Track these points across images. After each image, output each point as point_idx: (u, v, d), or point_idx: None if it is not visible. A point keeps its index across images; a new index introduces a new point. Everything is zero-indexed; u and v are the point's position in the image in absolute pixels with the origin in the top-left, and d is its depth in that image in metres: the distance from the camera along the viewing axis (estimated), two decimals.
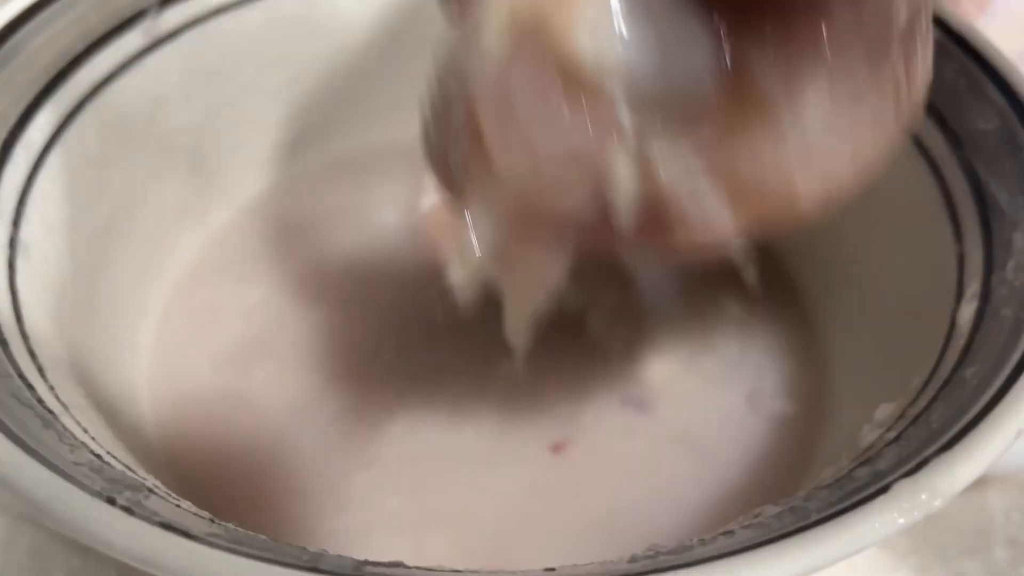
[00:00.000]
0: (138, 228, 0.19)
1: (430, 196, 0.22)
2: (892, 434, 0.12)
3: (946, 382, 0.12)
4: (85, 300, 0.17)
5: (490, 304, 0.20)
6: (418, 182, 0.23)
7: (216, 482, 0.17)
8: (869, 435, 0.12)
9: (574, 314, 0.20)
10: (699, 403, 0.17)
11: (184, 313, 0.20)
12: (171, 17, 0.19)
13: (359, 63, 0.22)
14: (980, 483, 0.20)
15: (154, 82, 0.19)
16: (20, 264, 0.15)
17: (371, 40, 0.22)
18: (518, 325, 0.15)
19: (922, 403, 0.12)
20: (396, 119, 0.24)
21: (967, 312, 0.13)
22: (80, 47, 0.18)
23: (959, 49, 0.16)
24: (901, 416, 0.12)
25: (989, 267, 0.14)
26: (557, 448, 0.17)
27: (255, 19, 0.21)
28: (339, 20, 0.21)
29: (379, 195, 0.23)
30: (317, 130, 0.23)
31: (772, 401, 0.17)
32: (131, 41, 0.19)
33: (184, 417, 0.18)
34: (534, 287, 0.14)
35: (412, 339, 0.19)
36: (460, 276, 0.13)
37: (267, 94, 0.21)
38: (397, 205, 0.23)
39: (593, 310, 0.20)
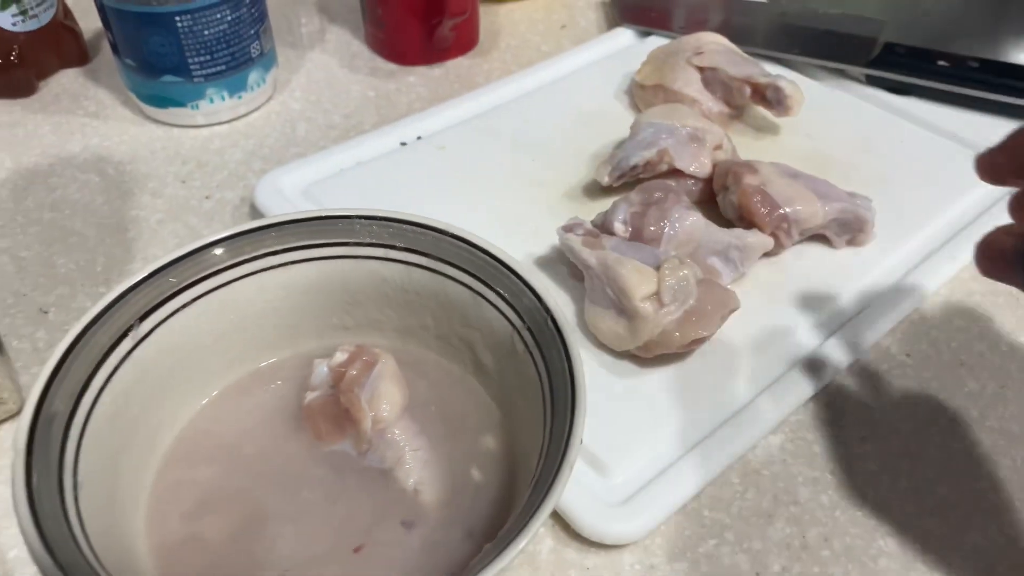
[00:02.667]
0: (134, 451, 0.33)
1: (308, 396, 0.38)
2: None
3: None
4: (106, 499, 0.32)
5: (337, 470, 0.35)
6: (301, 386, 0.38)
7: None
8: None
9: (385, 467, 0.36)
10: (441, 531, 0.32)
11: (161, 489, 0.35)
12: (147, 324, 0.35)
13: (256, 330, 0.38)
14: (618, 547, 0.35)
15: (144, 365, 0.34)
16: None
17: (264, 315, 0.38)
18: None
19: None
20: (280, 348, 0.39)
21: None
22: (99, 356, 0.33)
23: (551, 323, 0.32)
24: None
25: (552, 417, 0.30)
26: (357, 550, 0.32)
27: (196, 312, 0.36)
28: (239, 304, 0.37)
29: (275, 395, 0.38)
30: (235, 363, 0.38)
31: (483, 535, 0.32)
32: (126, 344, 0.34)
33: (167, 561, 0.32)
34: None
35: (290, 490, 0.34)
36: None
37: (214, 352, 0.37)
38: (287, 401, 0.38)
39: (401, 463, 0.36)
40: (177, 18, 0.52)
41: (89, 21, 0.66)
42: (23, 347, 0.44)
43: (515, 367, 0.34)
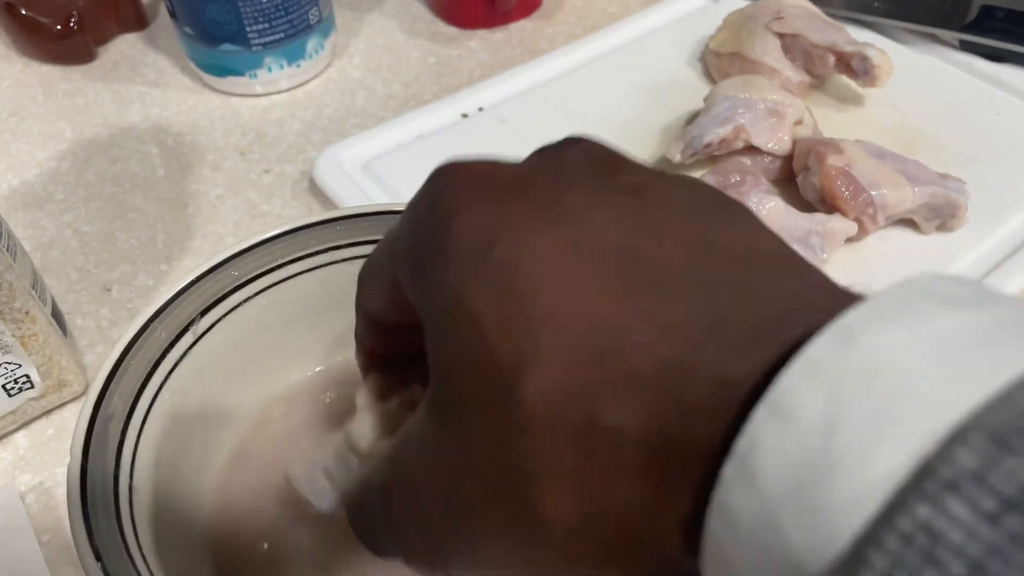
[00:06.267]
0: (192, 453, 0.33)
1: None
2: None
3: None
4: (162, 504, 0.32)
5: None
6: None
7: None
8: None
9: None
10: None
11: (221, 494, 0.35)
12: (207, 320, 0.34)
13: (320, 325, 0.37)
14: None
15: (203, 361, 0.34)
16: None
17: (327, 310, 0.37)
18: None
19: None
20: (345, 347, 0.38)
21: None
22: (158, 353, 0.33)
23: None
24: None
25: None
26: None
27: (258, 307, 0.35)
28: (302, 298, 0.36)
29: (344, 398, 0.37)
30: (298, 359, 0.38)
31: None
32: (186, 340, 0.33)
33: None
34: None
35: None
36: None
37: (277, 348, 0.36)
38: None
39: None
40: None
41: None
42: (87, 325, 0.44)
43: None
